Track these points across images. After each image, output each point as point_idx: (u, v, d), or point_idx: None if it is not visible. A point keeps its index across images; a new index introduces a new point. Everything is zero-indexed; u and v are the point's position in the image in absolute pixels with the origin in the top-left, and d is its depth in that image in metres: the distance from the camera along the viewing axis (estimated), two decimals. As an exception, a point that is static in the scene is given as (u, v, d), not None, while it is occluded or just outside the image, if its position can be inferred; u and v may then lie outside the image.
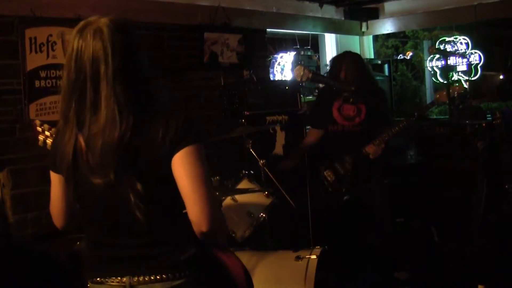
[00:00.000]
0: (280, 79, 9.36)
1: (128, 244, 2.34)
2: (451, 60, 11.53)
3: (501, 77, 13.81)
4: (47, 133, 3.10)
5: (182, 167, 2.23)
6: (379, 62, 9.82)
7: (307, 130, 6.18)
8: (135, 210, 2.23)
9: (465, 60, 11.60)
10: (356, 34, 9.47)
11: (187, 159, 2.23)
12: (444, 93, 5.31)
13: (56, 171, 2.47)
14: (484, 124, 6.02)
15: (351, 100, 5.15)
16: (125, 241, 2.34)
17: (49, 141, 3.08)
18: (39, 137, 3.11)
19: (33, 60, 5.21)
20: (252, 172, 5.03)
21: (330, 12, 8.85)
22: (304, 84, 8.19)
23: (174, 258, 2.34)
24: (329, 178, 5.49)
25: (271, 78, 8.91)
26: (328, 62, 6.19)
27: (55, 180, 2.50)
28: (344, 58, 5.61)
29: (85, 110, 2.24)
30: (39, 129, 3.12)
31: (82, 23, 2.32)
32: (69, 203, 2.50)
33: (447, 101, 5.36)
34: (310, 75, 4.28)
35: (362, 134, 5.44)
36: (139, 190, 2.22)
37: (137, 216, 2.24)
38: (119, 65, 2.22)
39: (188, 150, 2.23)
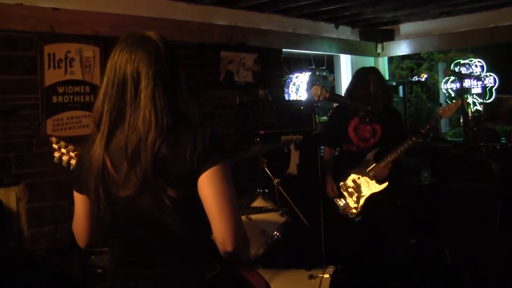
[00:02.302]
0: (295, 98, 9.39)
1: (154, 262, 2.31)
2: (466, 83, 11.55)
3: (516, 100, 13.81)
4: (63, 150, 3.09)
5: (209, 186, 2.21)
6: (394, 83, 9.84)
7: (322, 150, 6.17)
8: (164, 218, 2.22)
9: (480, 82, 11.60)
10: (371, 55, 9.50)
11: (213, 178, 2.21)
12: (447, 108, 5.30)
13: (80, 192, 2.44)
14: (498, 146, 6.03)
15: (367, 119, 5.15)
16: (151, 258, 2.32)
17: (65, 158, 3.07)
18: (55, 154, 3.09)
19: (51, 76, 5.27)
20: (266, 190, 5.03)
21: (346, 33, 8.89)
22: (319, 104, 8.21)
23: (200, 276, 2.31)
24: (339, 203, 5.49)
25: (286, 98, 8.94)
26: (344, 88, 6.15)
27: (79, 200, 2.47)
28: (371, 72, 5.60)
29: (123, 107, 2.25)
30: (55, 146, 3.11)
31: (127, 33, 2.37)
32: (93, 222, 2.47)
33: (450, 116, 5.35)
34: (327, 94, 4.30)
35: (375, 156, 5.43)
36: (169, 195, 2.20)
37: (167, 224, 2.23)
38: (161, 71, 2.25)
39: (214, 170, 2.21)
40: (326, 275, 4.19)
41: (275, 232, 4.63)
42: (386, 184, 5.36)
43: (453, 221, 6.41)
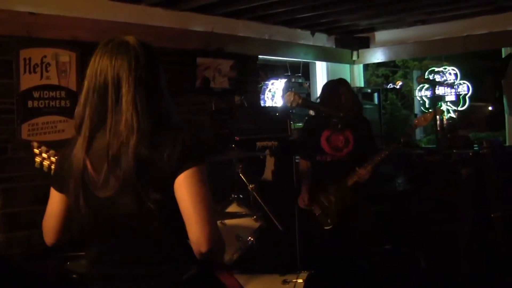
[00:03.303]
0: (270, 105, 9.43)
1: (132, 261, 2.35)
2: (440, 90, 11.66)
3: (490, 108, 13.95)
4: (44, 155, 3.08)
5: (185, 188, 2.25)
6: (369, 90, 9.90)
7: (297, 157, 6.20)
8: (146, 220, 2.26)
9: (453, 90, 11.72)
10: (347, 63, 9.56)
11: (190, 180, 2.25)
12: (423, 118, 5.41)
13: (60, 191, 2.46)
14: (471, 153, 6.10)
15: (339, 126, 5.20)
16: (129, 258, 2.35)
17: (46, 163, 3.07)
18: (36, 159, 3.08)
19: (27, 81, 5.26)
20: (241, 196, 5.06)
21: (322, 40, 8.94)
22: (294, 110, 8.25)
23: (176, 277, 2.34)
24: (315, 212, 5.52)
25: (262, 104, 8.98)
26: (320, 88, 6.20)
27: (56, 198, 2.48)
28: (341, 84, 5.67)
29: (105, 113, 2.30)
30: (37, 151, 3.10)
31: (107, 39, 2.40)
32: (65, 221, 2.49)
33: (426, 125, 5.44)
34: (301, 101, 4.34)
35: (349, 164, 5.47)
36: (153, 198, 2.23)
37: (146, 226, 2.27)
38: (141, 76, 2.30)
39: (191, 172, 2.25)
40: (300, 280, 4.22)
41: (250, 237, 4.66)
42: (357, 198, 5.44)
43: (427, 227, 6.48)
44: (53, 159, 3.04)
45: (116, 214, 2.32)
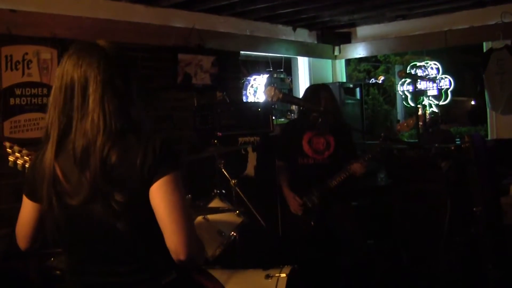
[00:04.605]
0: (252, 101, 9.44)
1: (109, 271, 2.33)
2: (422, 85, 11.69)
3: (472, 102, 14.01)
4: (17, 154, 3.09)
5: (160, 196, 2.23)
6: (351, 85, 9.90)
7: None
8: (115, 224, 2.23)
9: (435, 84, 11.75)
10: (329, 58, 9.57)
11: (164, 188, 2.23)
12: (405, 124, 5.47)
13: (32, 199, 2.45)
14: (452, 147, 6.13)
15: (320, 120, 5.20)
16: (106, 267, 2.33)
17: (19, 161, 3.07)
18: (9, 158, 3.09)
19: (9, 78, 5.25)
20: (223, 191, 5.07)
21: (303, 35, 8.95)
22: (276, 106, 8.27)
23: (156, 283, 2.33)
24: (298, 212, 5.53)
25: (244, 100, 8.99)
26: (302, 90, 6.21)
27: (29, 206, 2.47)
28: (323, 89, 5.73)
29: (72, 113, 2.27)
30: (9, 150, 3.11)
31: (77, 42, 2.39)
32: (38, 227, 2.49)
33: (408, 130, 5.50)
34: (281, 95, 4.33)
35: (330, 167, 5.52)
36: (117, 200, 2.21)
37: (118, 231, 2.24)
38: (111, 77, 2.27)
39: (165, 180, 2.24)
40: (283, 275, 4.24)
41: (232, 233, 4.67)
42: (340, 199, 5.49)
43: (408, 221, 6.52)
44: (26, 158, 3.05)
45: (89, 222, 2.29)
